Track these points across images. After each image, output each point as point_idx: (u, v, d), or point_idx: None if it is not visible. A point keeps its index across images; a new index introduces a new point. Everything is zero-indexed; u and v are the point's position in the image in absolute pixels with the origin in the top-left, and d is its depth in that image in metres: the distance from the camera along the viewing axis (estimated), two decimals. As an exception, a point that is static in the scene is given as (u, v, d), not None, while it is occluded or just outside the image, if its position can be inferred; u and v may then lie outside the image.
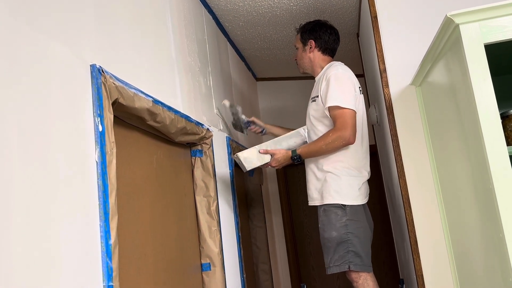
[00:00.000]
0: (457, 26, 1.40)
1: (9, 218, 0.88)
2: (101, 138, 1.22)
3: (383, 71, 2.18)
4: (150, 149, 1.73)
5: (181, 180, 2.00)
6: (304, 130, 2.14)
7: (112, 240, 1.18)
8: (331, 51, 2.31)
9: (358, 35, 3.23)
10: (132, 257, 1.45)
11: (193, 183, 2.13)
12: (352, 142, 2.02)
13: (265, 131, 2.62)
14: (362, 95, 2.19)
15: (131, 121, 1.56)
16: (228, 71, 2.99)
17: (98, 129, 1.21)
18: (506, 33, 1.39)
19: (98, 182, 1.18)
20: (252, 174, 3.03)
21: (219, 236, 2.09)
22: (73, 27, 1.19)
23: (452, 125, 1.66)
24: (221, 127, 2.50)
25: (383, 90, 2.18)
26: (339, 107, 2.02)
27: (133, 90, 1.43)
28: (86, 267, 1.09)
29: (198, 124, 2.02)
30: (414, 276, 2.11)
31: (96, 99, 1.22)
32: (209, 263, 2.04)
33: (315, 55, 2.28)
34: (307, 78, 3.81)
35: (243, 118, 2.54)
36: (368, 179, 2.16)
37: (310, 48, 2.29)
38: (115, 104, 1.34)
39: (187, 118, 1.88)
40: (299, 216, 4.24)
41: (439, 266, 1.98)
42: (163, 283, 1.64)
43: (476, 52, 1.38)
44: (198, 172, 2.13)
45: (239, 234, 2.48)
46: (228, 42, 3.11)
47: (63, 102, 1.10)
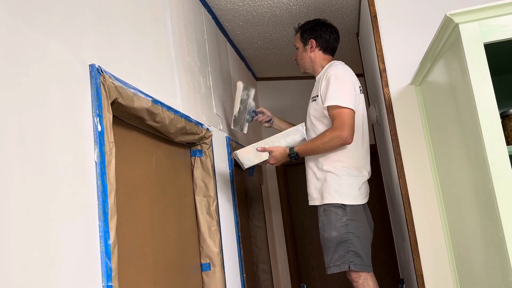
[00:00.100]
0: (457, 26, 1.40)
1: (8, 218, 0.87)
2: (100, 138, 1.21)
3: (383, 71, 2.18)
4: (150, 149, 1.73)
5: (181, 180, 1.99)
6: (303, 127, 2.14)
7: (111, 240, 1.18)
8: (332, 50, 2.31)
9: (358, 35, 3.23)
10: (132, 257, 1.44)
11: (193, 183, 2.13)
12: (349, 142, 2.01)
13: (273, 121, 2.57)
14: (363, 95, 2.19)
15: (131, 121, 1.56)
16: (228, 71, 2.98)
17: (97, 129, 1.21)
18: (506, 33, 1.39)
19: (97, 182, 1.18)
20: (252, 174, 3.02)
21: (219, 236, 2.09)
22: (72, 27, 1.19)
23: (452, 125, 1.66)
24: (235, 114, 2.40)
25: (383, 90, 2.18)
26: (338, 107, 2.02)
27: (132, 90, 1.43)
28: (85, 267, 1.09)
29: (198, 124, 2.02)
30: (414, 276, 2.11)
31: (95, 99, 1.22)
32: (209, 263, 2.04)
33: (316, 55, 2.28)
34: (307, 78, 3.81)
35: (253, 105, 2.47)
36: (368, 179, 2.16)
37: (311, 48, 2.28)
38: (114, 104, 1.33)
39: (187, 118, 1.88)
40: (299, 216, 4.24)
41: (439, 266, 1.98)
42: (163, 283, 1.64)
43: (476, 52, 1.38)
44: (198, 172, 2.13)
45: (239, 234, 2.48)
46: (228, 42, 3.11)
47: (62, 102, 1.10)
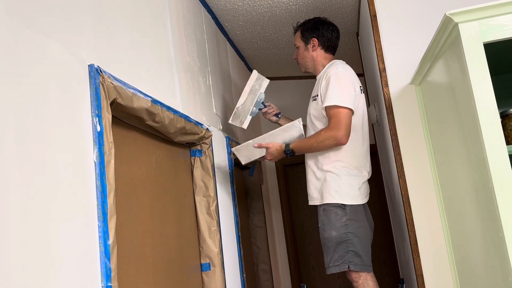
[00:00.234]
0: (456, 25, 1.40)
1: (8, 218, 0.87)
2: (99, 138, 1.21)
3: (383, 70, 2.17)
4: (149, 149, 1.73)
5: (181, 180, 1.99)
6: (300, 122, 2.13)
7: (111, 241, 1.18)
8: (333, 49, 2.29)
9: (358, 34, 3.22)
10: (131, 257, 1.44)
11: (193, 183, 2.12)
12: (344, 143, 2.00)
13: (281, 115, 2.53)
14: (363, 95, 2.18)
15: (130, 121, 1.55)
16: (228, 71, 2.98)
17: (96, 129, 1.21)
18: (506, 32, 1.39)
19: (97, 183, 1.18)
20: (252, 174, 3.02)
21: (219, 236, 2.09)
22: (72, 27, 1.19)
23: (452, 124, 1.66)
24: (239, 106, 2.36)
25: (383, 90, 2.17)
26: (336, 106, 2.01)
27: (132, 90, 1.42)
28: (85, 267, 1.09)
29: (198, 124, 2.02)
30: (414, 276, 2.11)
31: (94, 99, 1.22)
32: (209, 263, 2.04)
33: (318, 54, 2.26)
34: (307, 78, 3.81)
35: (263, 96, 2.42)
36: (369, 179, 2.16)
37: (313, 47, 2.26)
38: (114, 104, 1.33)
39: (186, 118, 1.88)
40: (299, 216, 4.23)
41: (439, 266, 1.98)
42: (163, 283, 1.64)
43: (475, 51, 1.37)
44: (198, 172, 2.13)
45: (239, 234, 2.48)
46: (228, 42, 3.11)
47: (61, 102, 1.10)
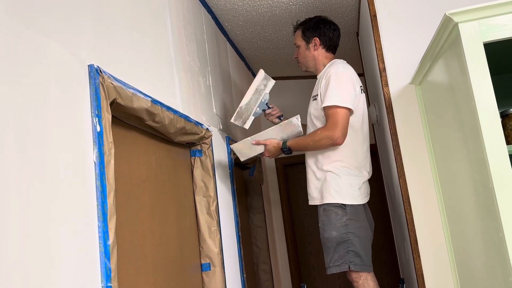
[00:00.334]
0: (456, 25, 1.40)
1: (8, 219, 0.87)
2: (99, 139, 1.21)
3: (383, 70, 2.17)
4: (149, 149, 1.73)
5: (181, 180, 1.99)
6: (297, 119, 2.13)
7: (111, 241, 1.18)
8: (334, 48, 2.29)
9: (358, 34, 3.22)
10: (131, 258, 1.44)
11: (193, 183, 2.12)
12: (340, 143, 2.00)
13: (283, 118, 2.50)
14: (364, 94, 2.18)
15: (130, 121, 1.55)
16: (228, 71, 2.98)
17: (96, 130, 1.21)
18: (506, 32, 1.39)
19: (96, 183, 1.18)
20: (252, 174, 3.02)
21: (219, 236, 2.09)
22: (72, 27, 1.19)
23: (452, 124, 1.65)
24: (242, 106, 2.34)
25: (383, 89, 2.17)
26: (334, 106, 2.00)
27: (132, 90, 1.42)
28: (85, 268, 1.09)
29: (198, 124, 2.02)
30: (415, 276, 2.11)
31: (94, 99, 1.22)
32: (209, 263, 2.04)
33: (319, 53, 2.25)
34: (307, 78, 3.82)
35: (267, 97, 2.42)
36: (369, 179, 2.16)
37: (315, 46, 2.25)
38: (113, 104, 1.33)
39: (186, 118, 1.88)
40: (300, 216, 4.23)
41: (439, 266, 1.98)
42: (163, 284, 1.64)
43: (475, 51, 1.37)
44: (198, 172, 2.13)
45: (239, 234, 2.48)
46: (228, 42, 3.11)
47: (61, 102, 1.10)
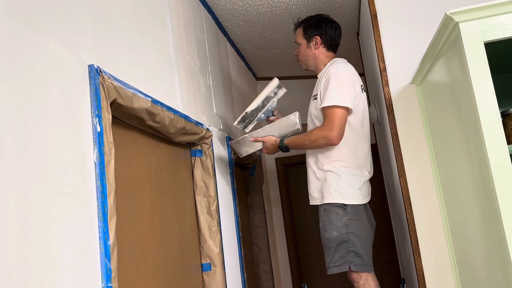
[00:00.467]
0: (457, 24, 1.40)
1: (8, 219, 0.87)
2: (99, 139, 1.21)
3: (383, 70, 2.17)
4: (150, 149, 1.72)
5: (181, 180, 1.99)
6: (295, 116, 2.12)
7: (111, 241, 1.18)
8: (335, 47, 2.28)
9: (358, 34, 3.22)
10: (132, 258, 1.44)
11: (193, 183, 2.12)
12: (336, 143, 2.00)
13: None
14: (364, 94, 2.17)
15: (130, 121, 1.55)
16: (228, 71, 2.98)
17: (96, 130, 1.21)
18: (506, 31, 1.39)
19: (97, 183, 1.18)
20: (253, 174, 3.02)
21: (219, 236, 2.09)
22: (72, 27, 1.19)
23: (453, 124, 1.65)
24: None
25: (383, 89, 2.17)
26: (332, 106, 2.00)
27: (132, 90, 1.42)
28: (85, 268, 1.09)
29: (198, 124, 2.02)
30: (415, 276, 2.11)
31: (94, 100, 1.22)
32: (210, 263, 2.03)
33: (320, 52, 2.24)
34: (308, 77, 3.81)
35: (275, 105, 2.42)
36: (370, 179, 2.15)
37: (316, 45, 2.24)
38: (114, 104, 1.33)
39: (187, 118, 1.88)
40: (300, 216, 4.23)
41: (440, 266, 1.97)
42: (163, 284, 1.64)
43: (476, 50, 1.37)
44: (198, 172, 2.13)
45: (240, 234, 2.47)
46: (228, 42, 3.11)
47: (61, 103, 1.10)
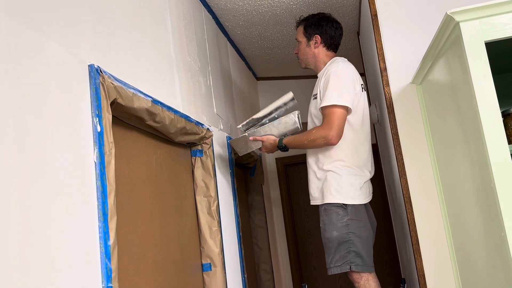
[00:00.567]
0: (458, 24, 1.39)
1: (8, 219, 0.87)
2: (100, 139, 1.21)
3: (384, 70, 2.17)
4: (150, 149, 1.72)
5: (181, 180, 1.99)
6: (294, 115, 2.12)
7: (111, 241, 1.17)
8: (336, 47, 2.27)
9: (359, 34, 3.22)
10: (132, 258, 1.44)
11: (193, 183, 2.12)
12: (334, 143, 1.99)
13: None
14: (365, 93, 2.17)
15: (130, 121, 1.55)
16: (228, 71, 2.98)
17: (97, 130, 1.21)
18: (507, 31, 1.38)
19: (97, 183, 1.18)
20: (253, 174, 3.02)
21: (220, 236, 2.08)
22: (72, 27, 1.19)
23: (453, 124, 1.65)
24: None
25: (384, 89, 2.17)
26: (331, 106, 1.99)
27: (132, 90, 1.42)
28: (85, 268, 1.09)
29: (198, 124, 2.02)
30: (416, 276, 2.10)
31: (94, 99, 1.22)
32: (210, 263, 2.03)
33: (320, 51, 2.23)
34: (308, 77, 3.81)
35: (281, 113, 2.34)
36: (371, 178, 2.15)
37: (315, 44, 2.23)
38: (114, 104, 1.33)
39: (187, 118, 1.88)
40: (301, 216, 4.23)
41: (441, 266, 1.97)
42: (163, 284, 1.64)
43: (477, 50, 1.37)
44: (198, 172, 2.13)
45: (240, 234, 2.47)
46: (228, 42, 3.10)
47: (61, 103, 1.10)
